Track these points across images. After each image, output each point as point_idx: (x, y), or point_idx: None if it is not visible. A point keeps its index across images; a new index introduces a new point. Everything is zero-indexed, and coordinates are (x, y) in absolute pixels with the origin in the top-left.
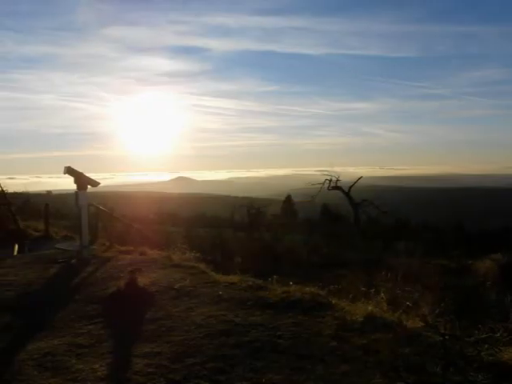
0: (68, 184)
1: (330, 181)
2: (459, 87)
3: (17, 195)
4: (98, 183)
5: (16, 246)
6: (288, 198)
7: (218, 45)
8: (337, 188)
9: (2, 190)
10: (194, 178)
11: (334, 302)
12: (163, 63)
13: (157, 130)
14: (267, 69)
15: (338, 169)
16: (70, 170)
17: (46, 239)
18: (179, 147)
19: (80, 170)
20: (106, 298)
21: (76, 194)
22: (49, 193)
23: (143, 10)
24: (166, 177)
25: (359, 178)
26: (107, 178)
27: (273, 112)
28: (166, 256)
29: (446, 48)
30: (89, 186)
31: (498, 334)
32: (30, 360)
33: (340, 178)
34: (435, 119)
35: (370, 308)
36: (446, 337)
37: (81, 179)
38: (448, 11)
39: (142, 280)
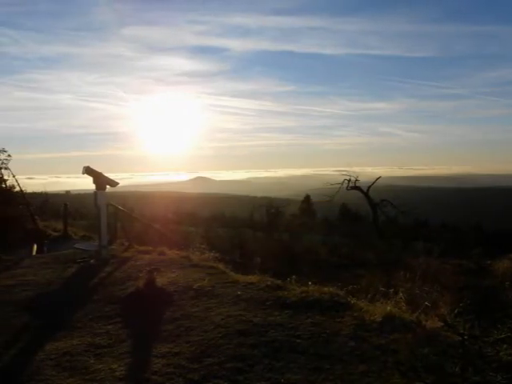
0: (87, 184)
1: (349, 181)
2: (476, 87)
3: (35, 195)
4: (117, 183)
5: (35, 246)
6: (307, 198)
7: (236, 45)
8: (355, 188)
9: (21, 190)
10: (213, 177)
11: (352, 301)
12: (182, 63)
13: (175, 129)
14: (285, 69)
15: (356, 169)
16: (88, 170)
17: (65, 239)
18: (197, 147)
19: (99, 170)
20: (124, 297)
21: (95, 194)
22: (67, 193)
23: (162, 9)
24: (185, 177)
25: (378, 178)
26: (126, 178)
27: (291, 112)
28: (184, 256)
29: (463, 48)
30: (108, 186)
31: None
32: (48, 360)
33: (359, 178)
34: (453, 119)
35: (388, 308)
36: (465, 337)
37: (100, 179)
38: (465, 11)
39: (161, 280)
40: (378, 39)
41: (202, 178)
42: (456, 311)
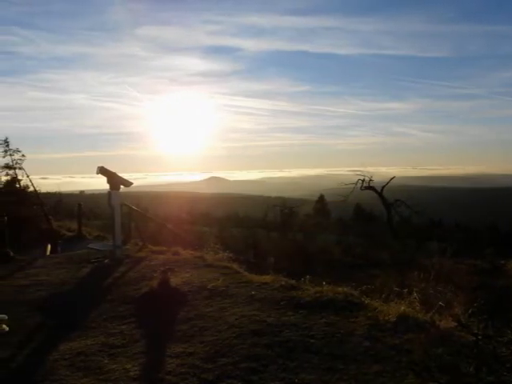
0: (101, 184)
1: (363, 181)
2: (491, 87)
3: (50, 195)
4: (131, 183)
5: (49, 246)
6: (321, 198)
7: (250, 45)
8: (370, 188)
9: (35, 190)
10: (227, 177)
11: (366, 301)
12: (195, 63)
13: (189, 130)
14: (299, 69)
15: (370, 169)
16: (102, 170)
17: (79, 239)
18: (211, 147)
19: (113, 170)
20: (138, 297)
21: (109, 194)
22: (82, 193)
23: (176, 9)
24: (199, 177)
25: (392, 178)
26: (140, 178)
27: (305, 112)
28: (198, 256)
29: (477, 48)
30: (122, 186)
31: None
32: (62, 360)
33: (373, 178)
34: (467, 119)
35: (402, 308)
36: (479, 337)
37: (114, 179)
38: (480, 11)
39: (175, 280)
40: (392, 39)
41: (215, 177)
42: (470, 311)
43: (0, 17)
